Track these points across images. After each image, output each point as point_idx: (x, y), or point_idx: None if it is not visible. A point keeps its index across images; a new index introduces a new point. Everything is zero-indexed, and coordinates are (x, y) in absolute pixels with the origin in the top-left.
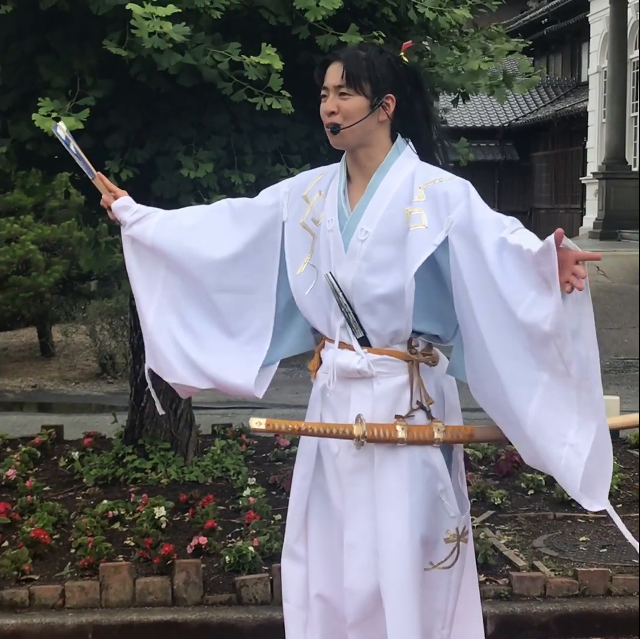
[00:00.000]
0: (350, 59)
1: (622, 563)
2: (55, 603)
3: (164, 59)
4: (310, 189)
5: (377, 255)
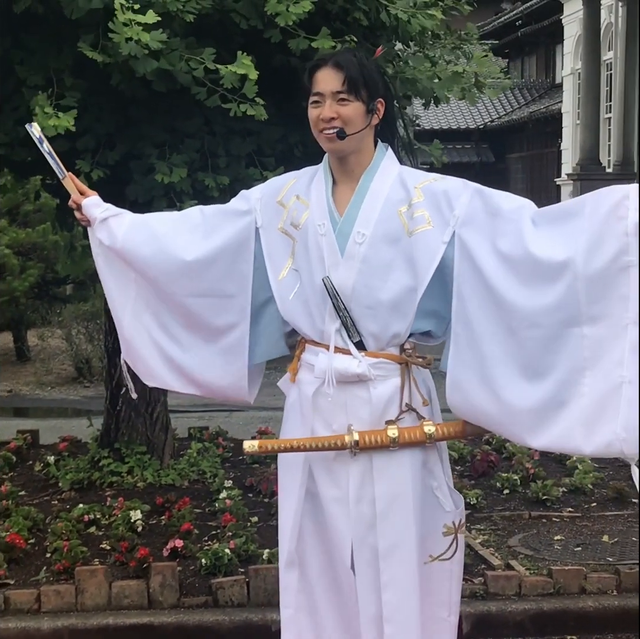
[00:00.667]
0: (348, 65)
1: (597, 562)
2: (31, 607)
3: (140, 65)
4: (284, 194)
5: (376, 257)
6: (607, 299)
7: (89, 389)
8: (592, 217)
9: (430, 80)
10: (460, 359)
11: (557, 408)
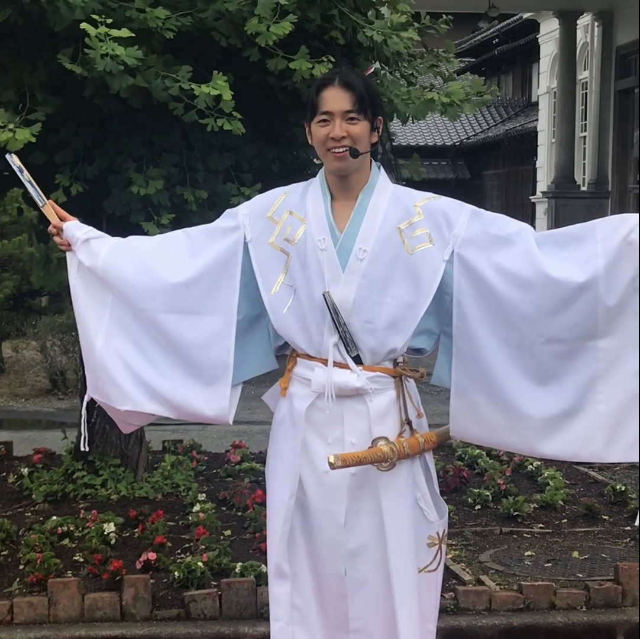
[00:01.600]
0: (357, 84)
1: (566, 578)
2: (4, 618)
3: (116, 81)
4: (275, 209)
5: (376, 273)
6: (621, 316)
7: (64, 401)
8: (606, 242)
9: (405, 105)
10: (464, 369)
11: (570, 416)
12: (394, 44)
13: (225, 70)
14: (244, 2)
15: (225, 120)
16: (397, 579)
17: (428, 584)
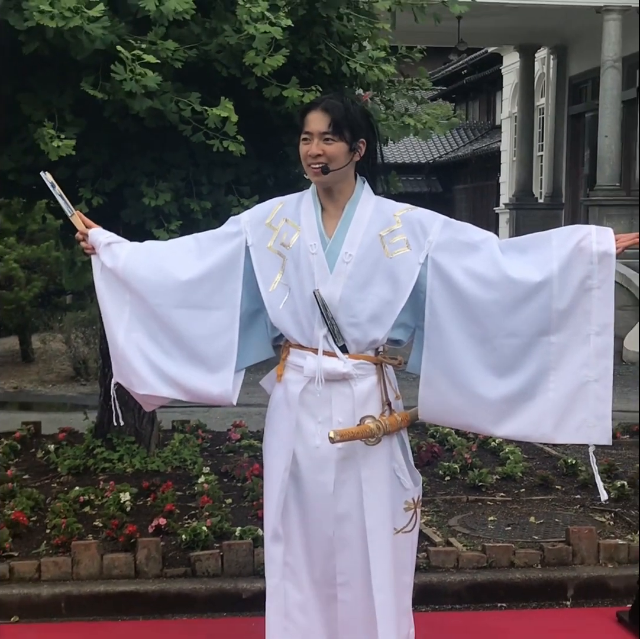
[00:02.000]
0: (335, 110)
1: (524, 540)
2: (32, 576)
3: (137, 103)
4: (273, 217)
5: (360, 274)
6: (571, 314)
7: (86, 386)
8: (560, 248)
9: (385, 129)
10: (433, 361)
11: (523, 401)
12: (374, 75)
13: (226, 96)
14: (242, 37)
15: (230, 142)
16: (372, 540)
17: (405, 543)
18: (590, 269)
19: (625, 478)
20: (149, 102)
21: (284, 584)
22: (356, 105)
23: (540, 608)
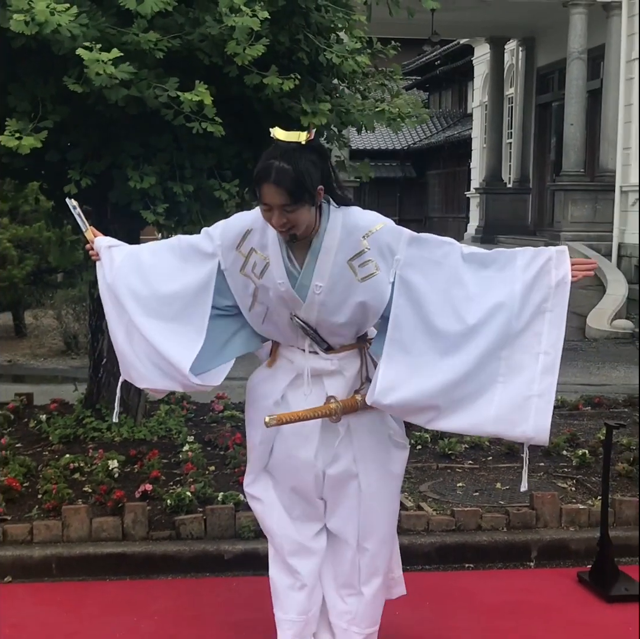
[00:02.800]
0: (287, 181)
1: (491, 504)
2: (25, 538)
3: (112, 93)
4: (242, 244)
5: (332, 301)
6: (524, 334)
7: (76, 360)
8: (524, 271)
9: (360, 115)
10: (393, 368)
11: (468, 403)
12: (349, 65)
13: (209, 83)
14: (224, 27)
15: (208, 124)
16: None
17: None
18: (547, 293)
19: (586, 447)
20: (125, 92)
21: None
22: (304, 155)
23: (506, 569)
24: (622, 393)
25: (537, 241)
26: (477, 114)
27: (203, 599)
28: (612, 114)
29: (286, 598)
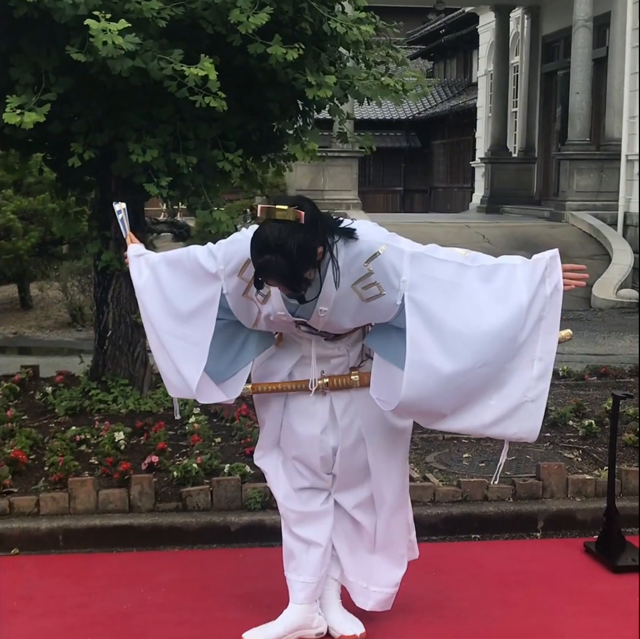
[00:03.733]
0: (285, 277)
1: None
2: (31, 511)
3: (117, 64)
4: (244, 271)
5: (337, 321)
6: (526, 343)
7: (81, 332)
8: (528, 283)
9: (365, 88)
10: (414, 389)
11: (468, 413)
12: (353, 35)
13: (213, 53)
14: None
15: (211, 98)
16: (381, 465)
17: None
18: (544, 302)
19: (592, 417)
20: (130, 62)
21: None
22: (299, 237)
23: (512, 539)
24: (628, 363)
25: (542, 211)
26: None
27: (210, 571)
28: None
29: (299, 560)
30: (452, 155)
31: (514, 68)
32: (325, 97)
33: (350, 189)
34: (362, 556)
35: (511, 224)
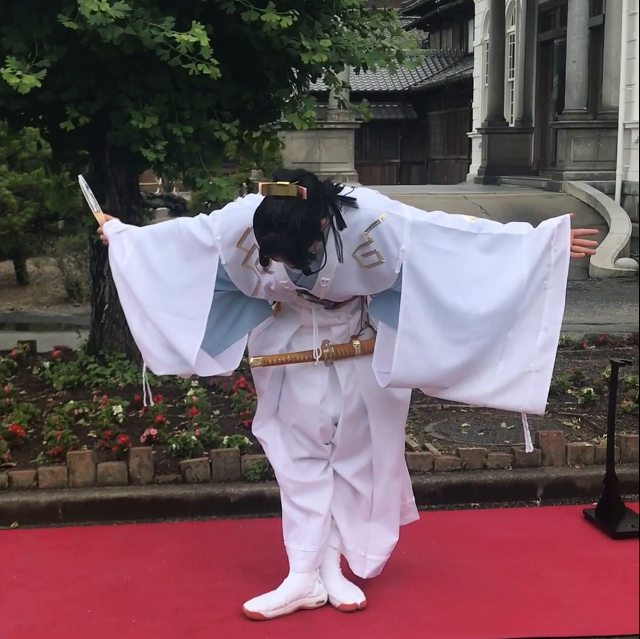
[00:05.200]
0: (290, 254)
1: (496, 444)
2: (31, 484)
3: (108, 32)
4: (243, 241)
5: (338, 285)
6: (528, 312)
7: (78, 307)
8: (531, 253)
9: (360, 51)
10: (404, 359)
11: (470, 383)
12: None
13: (206, 21)
14: None
15: (204, 66)
16: (380, 429)
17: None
18: (548, 271)
19: (591, 385)
20: (120, 30)
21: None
22: (302, 212)
23: (511, 507)
24: (627, 331)
25: (539, 181)
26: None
27: (210, 542)
28: (614, 50)
29: (299, 529)
30: (449, 126)
31: (510, 37)
32: (320, 61)
33: (347, 162)
34: (359, 524)
35: (509, 194)
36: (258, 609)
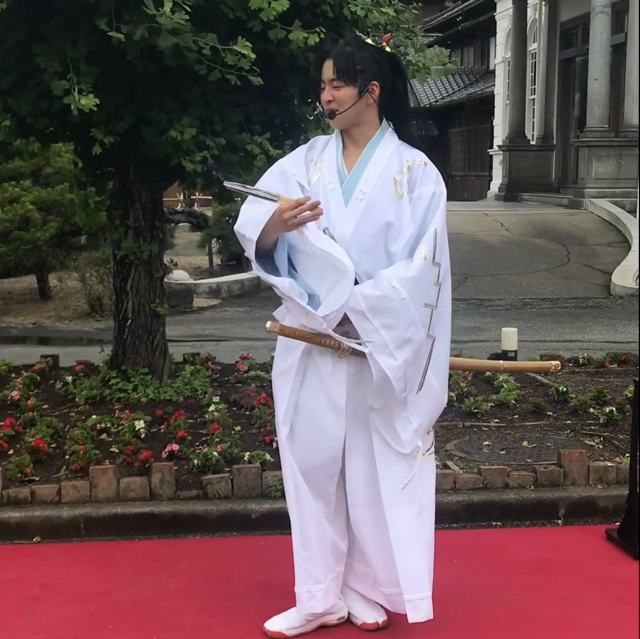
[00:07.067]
0: (338, 56)
1: (518, 462)
2: (53, 499)
3: (162, 40)
4: (303, 159)
5: (373, 212)
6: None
7: (100, 322)
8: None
9: None
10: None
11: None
12: (374, 18)
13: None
14: None
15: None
16: (379, 462)
17: (431, 464)
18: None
19: (613, 404)
20: (174, 40)
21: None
22: (368, 49)
23: (533, 527)
24: None
25: (561, 198)
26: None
27: (230, 559)
28: (636, 68)
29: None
30: (470, 143)
31: (532, 55)
32: None
33: None
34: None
35: (529, 211)
36: (279, 629)
